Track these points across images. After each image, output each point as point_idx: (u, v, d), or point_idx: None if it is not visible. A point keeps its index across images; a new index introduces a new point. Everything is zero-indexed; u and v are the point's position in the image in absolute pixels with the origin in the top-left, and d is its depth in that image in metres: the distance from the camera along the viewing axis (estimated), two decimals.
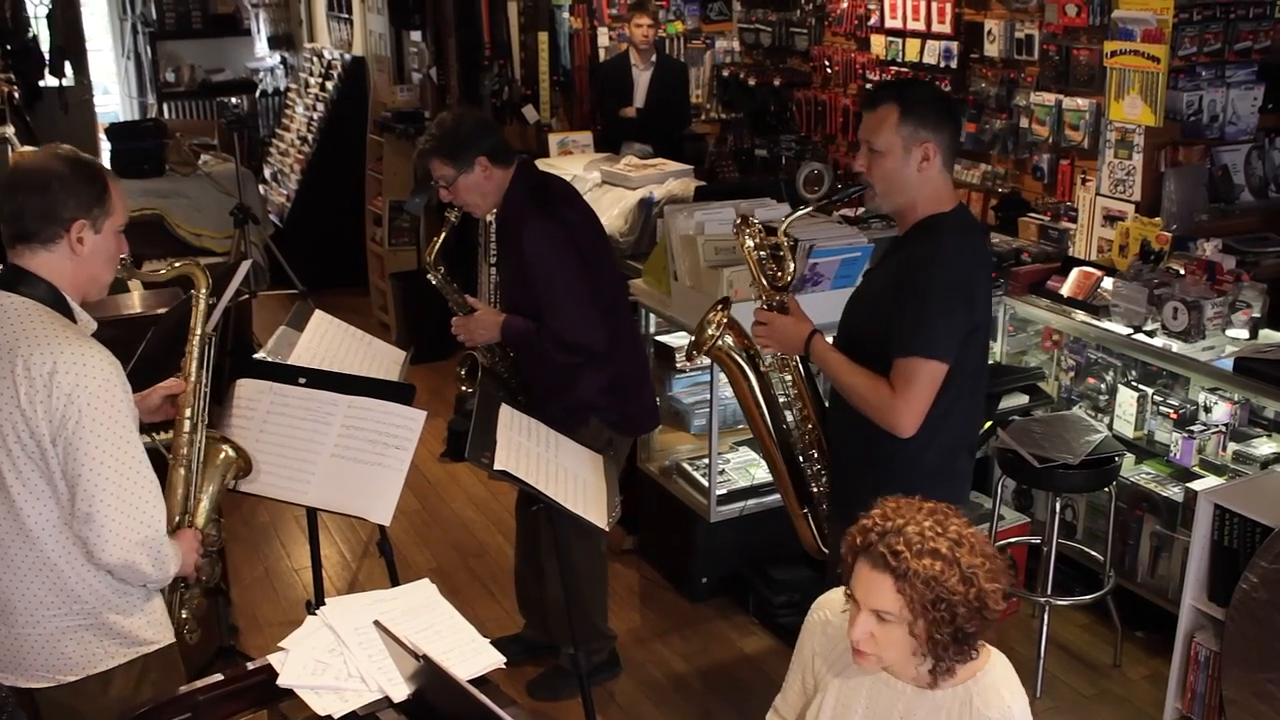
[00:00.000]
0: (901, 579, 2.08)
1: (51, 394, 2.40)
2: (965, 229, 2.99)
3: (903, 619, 2.10)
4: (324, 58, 9.65)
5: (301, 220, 9.11)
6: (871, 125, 2.95)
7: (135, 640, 2.61)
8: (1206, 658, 3.76)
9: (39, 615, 2.52)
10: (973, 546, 2.12)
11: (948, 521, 2.15)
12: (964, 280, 2.88)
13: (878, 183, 2.97)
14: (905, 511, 2.16)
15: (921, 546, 2.09)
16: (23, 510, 2.46)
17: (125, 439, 2.47)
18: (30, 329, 2.44)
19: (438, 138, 3.74)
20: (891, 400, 2.85)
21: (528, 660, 4.33)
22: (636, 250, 5.37)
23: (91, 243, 2.54)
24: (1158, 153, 5.11)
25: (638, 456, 5.01)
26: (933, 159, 2.92)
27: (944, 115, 2.97)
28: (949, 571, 2.07)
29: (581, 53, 8.22)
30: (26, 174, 2.53)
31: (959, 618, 2.09)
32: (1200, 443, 4.36)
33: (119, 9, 12.72)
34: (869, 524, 2.17)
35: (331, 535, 5.37)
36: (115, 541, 2.45)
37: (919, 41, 6.32)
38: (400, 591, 2.71)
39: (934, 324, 2.83)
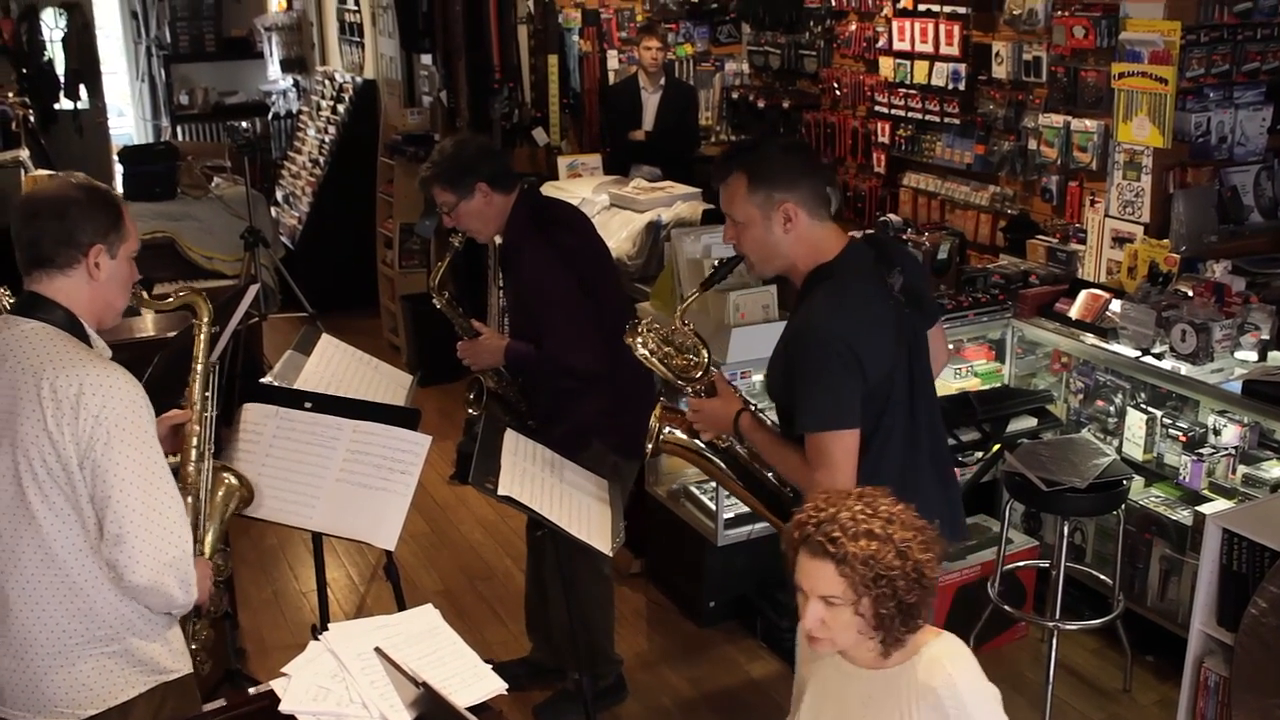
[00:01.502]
0: (842, 563, 2.19)
1: (79, 416, 2.40)
2: (850, 274, 2.85)
3: (848, 600, 2.21)
4: (335, 81, 9.69)
5: (312, 242, 9.14)
6: (727, 197, 2.88)
7: (156, 668, 2.60)
8: (1216, 683, 3.73)
9: (60, 644, 2.50)
10: (903, 522, 2.24)
11: (876, 503, 2.26)
12: (839, 341, 2.74)
13: (750, 253, 2.91)
14: (835, 500, 2.27)
15: (855, 529, 2.20)
16: (49, 535, 2.45)
17: (152, 459, 2.48)
18: (53, 353, 2.45)
19: (438, 164, 3.78)
20: (812, 478, 2.78)
21: (535, 684, 4.32)
22: (644, 273, 5.38)
23: (108, 268, 2.56)
24: (1166, 174, 5.10)
25: (645, 480, 5.01)
26: (796, 218, 2.82)
27: (796, 171, 2.85)
28: (884, 549, 2.19)
29: (591, 76, 8.25)
30: (43, 201, 2.54)
31: (899, 590, 2.20)
32: (1210, 466, 4.34)
33: (134, 32, 12.80)
34: (803, 517, 2.27)
35: (339, 558, 5.38)
36: (145, 563, 2.44)
37: (927, 63, 6.33)
38: (403, 617, 2.71)
39: (823, 396, 2.75)
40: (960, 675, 2.29)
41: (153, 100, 12.65)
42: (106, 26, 12.57)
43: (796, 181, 2.83)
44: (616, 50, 8.35)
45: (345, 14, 9.95)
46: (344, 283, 8.71)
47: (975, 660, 2.36)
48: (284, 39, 11.37)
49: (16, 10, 10.84)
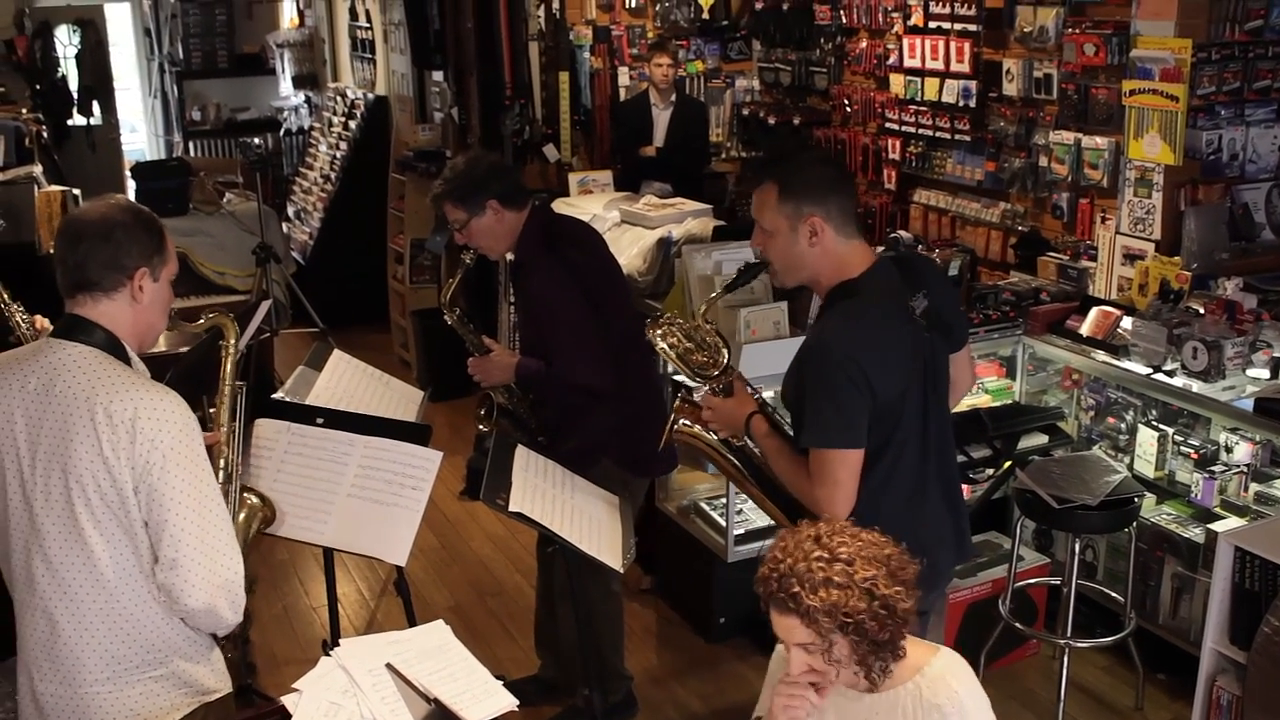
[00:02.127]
0: (806, 616, 2.18)
1: (135, 441, 2.40)
2: (875, 294, 2.86)
3: (823, 646, 2.21)
4: (347, 97, 9.74)
5: (324, 258, 9.17)
6: (757, 206, 2.91)
7: (201, 689, 2.61)
8: (1229, 702, 3.72)
9: (110, 669, 2.50)
10: (866, 559, 2.21)
11: (834, 543, 2.23)
12: (850, 359, 2.75)
13: (774, 261, 2.93)
14: (792, 548, 2.25)
15: (813, 580, 2.18)
16: (100, 560, 2.45)
17: (206, 483, 2.48)
18: (103, 377, 2.44)
19: (449, 181, 3.80)
20: (812, 491, 2.80)
21: (544, 701, 4.31)
22: (655, 290, 5.38)
23: (150, 291, 2.55)
24: (1177, 191, 5.10)
25: (655, 496, 5.01)
26: (822, 233, 2.83)
27: (827, 186, 2.87)
28: (845, 595, 2.17)
29: (602, 92, 8.27)
30: (89, 223, 2.53)
31: (869, 630, 2.18)
32: (1221, 483, 4.33)
33: (146, 49, 12.88)
34: (765, 571, 2.26)
35: (350, 574, 5.38)
36: (200, 585, 2.44)
37: (938, 80, 6.34)
38: (414, 633, 2.70)
39: (830, 414, 2.76)
40: (965, 692, 2.30)
41: (165, 116, 12.72)
42: (120, 43, 12.66)
43: (826, 197, 2.85)
44: (627, 67, 8.38)
45: (357, 31, 9.99)
46: (355, 298, 8.73)
47: (974, 675, 2.37)
48: (296, 55, 11.42)
49: (31, 27, 10.91)
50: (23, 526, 2.48)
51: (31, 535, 2.47)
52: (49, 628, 2.49)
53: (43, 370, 2.48)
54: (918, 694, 2.30)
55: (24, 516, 2.47)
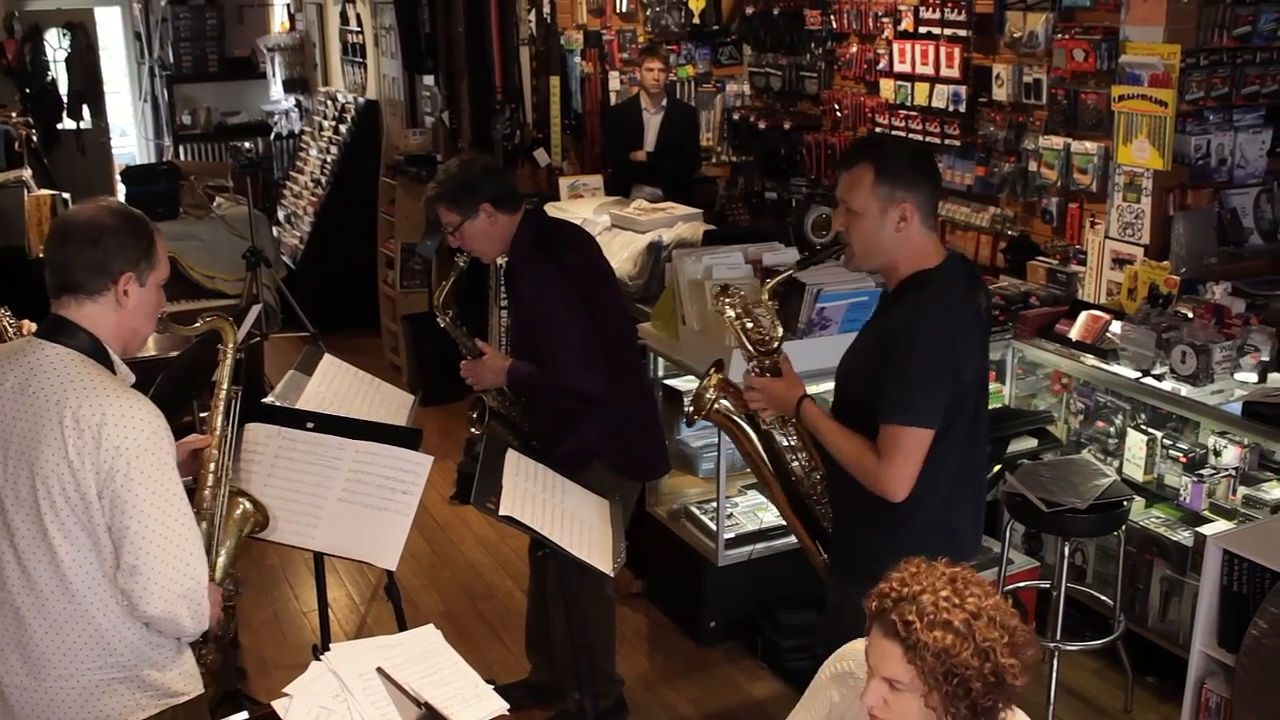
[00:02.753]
0: (911, 650, 2.02)
1: (100, 446, 2.39)
2: (952, 285, 2.92)
3: (915, 689, 2.05)
4: (338, 101, 9.73)
5: (314, 262, 9.16)
6: (848, 185, 2.92)
7: (168, 692, 2.60)
8: (1218, 704, 3.73)
9: (75, 669, 2.50)
10: (991, 619, 2.05)
11: (966, 591, 2.07)
12: (946, 342, 2.82)
13: (855, 243, 2.95)
14: (923, 578, 2.09)
15: (934, 618, 2.02)
16: (64, 564, 2.45)
17: (172, 491, 2.47)
18: (77, 381, 2.44)
19: (443, 184, 3.79)
20: (877, 468, 2.82)
21: (535, 705, 4.32)
22: (645, 294, 5.39)
23: (136, 295, 2.54)
24: (1166, 196, 5.11)
25: (646, 500, 5.01)
26: (910, 219, 2.87)
27: (921, 174, 2.92)
28: (962, 645, 2.01)
29: (592, 97, 8.27)
30: (77, 226, 2.52)
31: (974, 692, 2.02)
32: (1210, 486, 4.34)
33: (136, 53, 12.86)
34: (886, 588, 2.11)
35: (340, 578, 5.38)
36: (159, 594, 2.44)
37: (928, 85, 6.35)
38: (404, 638, 2.70)
39: (915, 392, 2.80)
40: None
41: (155, 120, 12.70)
42: (110, 47, 12.64)
43: (919, 185, 2.89)
44: (618, 71, 8.37)
45: (348, 35, 9.99)
46: (345, 303, 8.72)
47: None
48: (286, 59, 11.42)
49: (20, 30, 10.90)
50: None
51: (3, 531, 2.47)
52: (16, 622, 2.49)
53: (20, 369, 2.47)
54: None
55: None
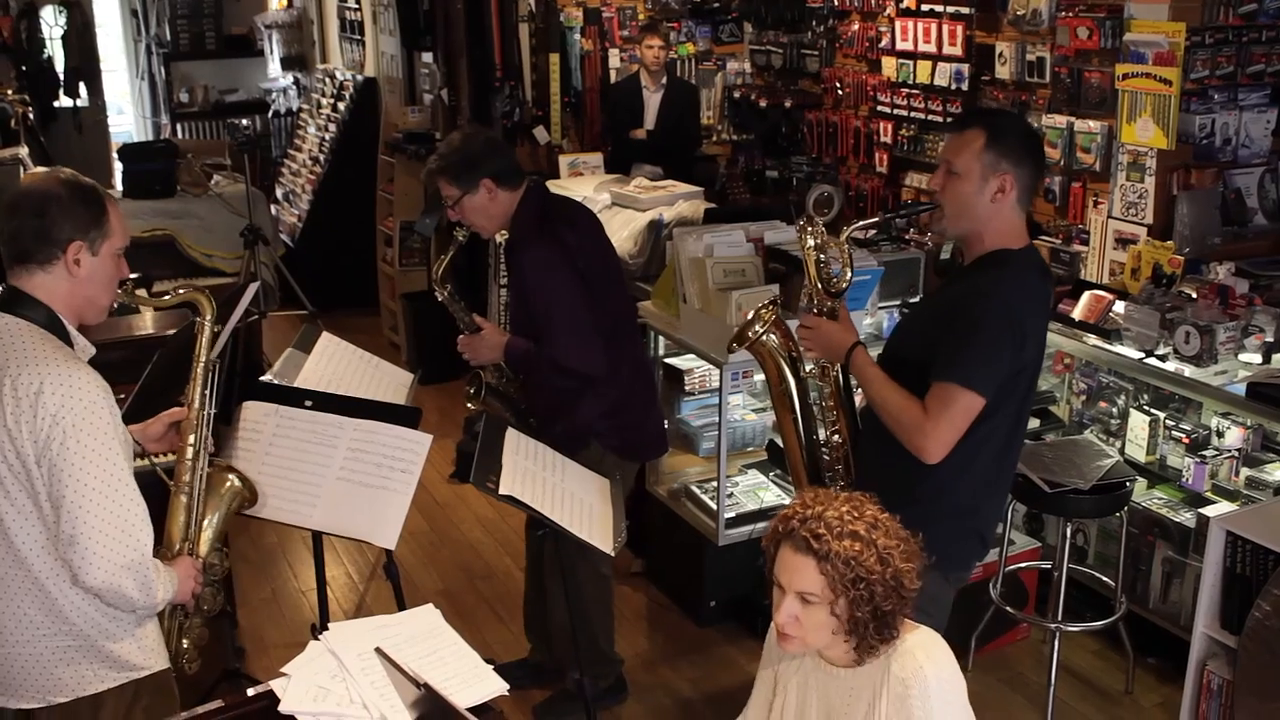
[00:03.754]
0: (824, 560, 2.20)
1: (37, 414, 2.39)
2: (1031, 269, 2.97)
3: (825, 599, 2.22)
4: (336, 79, 9.68)
5: (312, 240, 9.12)
6: (955, 147, 2.94)
7: (126, 665, 2.59)
8: (1219, 686, 3.72)
9: (29, 635, 2.51)
10: (888, 530, 2.26)
11: (864, 507, 2.28)
12: (1019, 319, 2.85)
13: (949, 205, 2.96)
14: (824, 499, 2.29)
15: (841, 529, 2.21)
16: (11, 531, 2.46)
17: (111, 461, 2.45)
18: (20, 349, 2.44)
19: (444, 157, 3.76)
20: (922, 422, 2.82)
21: (534, 685, 4.31)
22: (646, 273, 5.37)
23: (89, 265, 2.54)
24: (1170, 176, 5.08)
25: (646, 479, 4.99)
26: (1009, 192, 2.89)
27: (1029, 152, 2.94)
28: (867, 551, 2.20)
29: (592, 74, 8.23)
30: (25, 196, 2.53)
31: (877, 595, 2.20)
32: (1213, 468, 4.33)
33: (133, 30, 12.78)
34: (789, 512, 2.30)
35: (339, 557, 5.36)
36: (99, 564, 2.43)
37: (930, 63, 6.32)
38: (404, 617, 2.69)
39: (979, 356, 2.81)
40: (932, 671, 2.28)
41: (152, 98, 12.63)
42: (106, 24, 12.55)
43: (1024, 161, 2.91)
44: (618, 49, 8.33)
45: (346, 12, 9.93)
46: (344, 281, 8.70)
47: (950, 654, 2.35)
48: (284, 37, 11.35)
49: (16, 8, 10.83)
50: None
51: None
52: None
53: None
54: (886, 667, 2.30)
55: None
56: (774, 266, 4.54)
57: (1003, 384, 2.85)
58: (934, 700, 2.26)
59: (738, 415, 4.84)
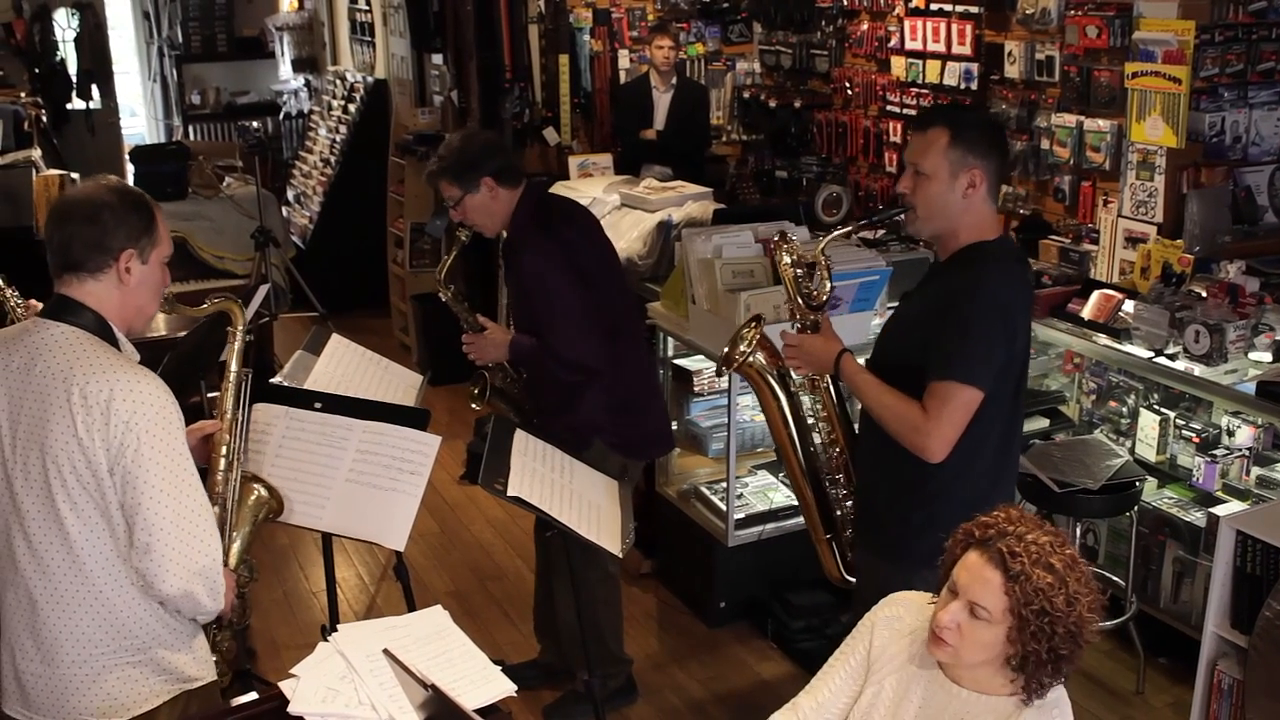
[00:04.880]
0: (1013, 580, 2.11)
1: (110, 422, 2.38)
2: (1009, 258, 2.97)
3: (999, 621, 2.13)
4: (347, 80, 9.70)
5: (323, 242, 9.15)
6: (920, 148, 2.93)
7: (182, 677, 2.59)
8: (1230, 686, 3.71)
9: (88, 653, 2.49)
10: (1081, 576, 2.16)
11: (1065, 546, 2.18)
12: (1006, 309, 2.85)
13: (920, 206, 2.95)
14: (1028, 522, 2.20)
15: (1040, 557, 2.12)
16: (77, 543, 2.44)
17: (183, 467, 2.46)
18: (84, 358, 2.43)
19: (444, 158, 3.81)
20: (923, 422, 2.82)
21: (544, 685, 4.32)
22: (655, 273, 5.37)
23: (139, 273, 2.53)
24: (1180, 174, 5.07)
25: (656, 480, 5.00)
26: (978, 186, 2.89)
27: (993, 144, 2.95)
28: (1058, 589, 2.10)
29: (602, 75, 8.24)
30: (76, 204, 2.52)
31: (1057, 636, 2.12)
32: (1223, 467, 4.32)
33: (145, 32, 12.83)
34: (990, 521, 2.20)
35: (350, 558, 5.38)
36: (175, 571, 2.43)
37: (939, 63, 6.31)
38: (412, 618, 2.70)
39: (973, 351, 2.81)
40: None
41: (164, 100, 12.67)
42: (119, 26, 12.60)
43: (991, 154, 2.91)
44: (628, 49, 8.34)
45: (356, 14, 9.95)
46: (354, 282, 8.73)
47: None
48: (295, 39, 11.38)
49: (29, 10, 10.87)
50: (4, 504, 2.47)
51: (13, 514, 2.46)
52: (30, 607, 2.49)
53: (26, 349, 2.47)
54: (1019, 709, 2.21)
55: (5, 494, 2.47)
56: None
57: (997, 375, 2.86)
58: None
59: (747, 416, 4.84)
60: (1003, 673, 2.20)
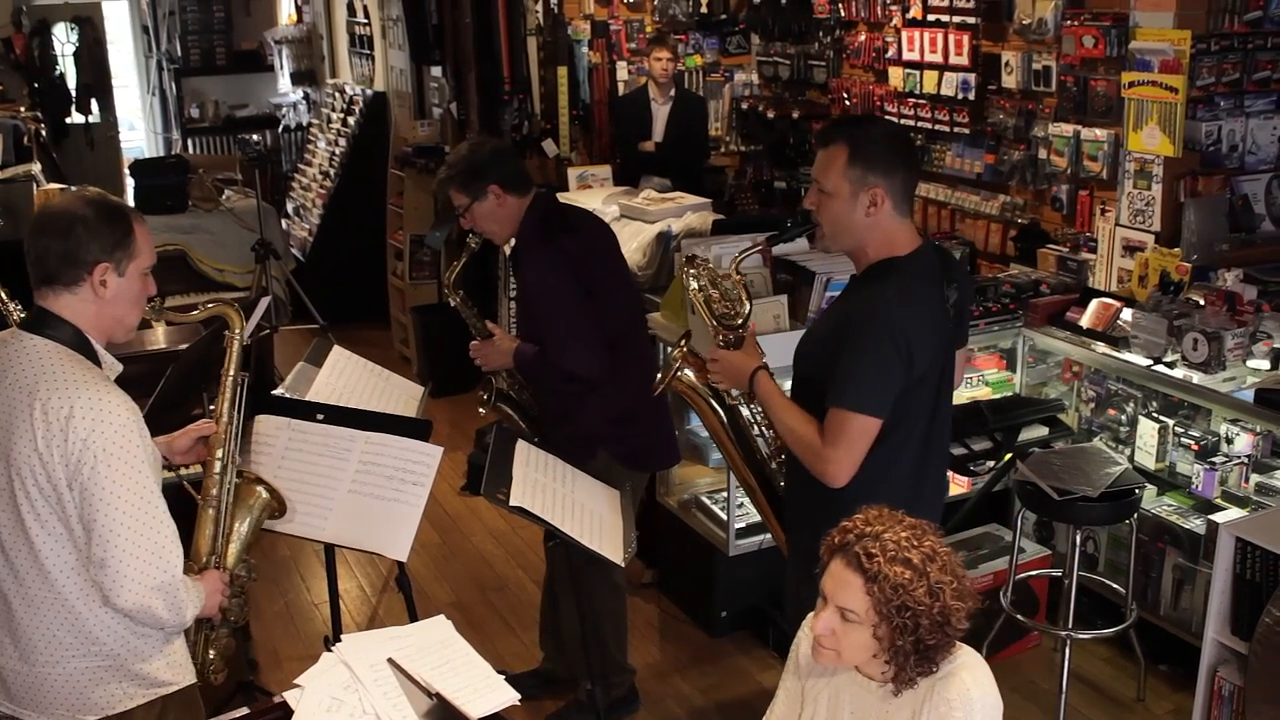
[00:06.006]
0: (871, 581, 2.17)
1: (68, 438, 2.41)
2: (917, 275, 2.88)
3: (867, 621, 2.19)
4: (346, 93, 9.73)
5: (323, 255, 9.17)
6: (821, 165, 2.88)
7: (154, 682, 2.61)
8: (1230, 692, 3.72)
9: (59, 656, 2.52)
10: (944, 565, 2.21)
11: (923, 536, 2.23)
12: (902, 332, 2.77)
13: (825, 224, 2.92)
14: (886, 520, 2.25)
15: (895, 554, 2.17)
16: (41, 553, 2.47)
17: (141, 484, 2.47)
18: (50, 372, 2.45)
19: (453, 166, 3.84)
20: (821, 450, 2.80)
21: (546, 695, 4.32)
22: (655, 284, 5.38)
23: (115, 285, 2.55)
24: (1177, 183, 5.09)
25: (657, 490, 5.01)
26: (881, 204, 2.83)
27: (896, 158, 2.87)
28: (917, 582, 2.16)
29: (600, 87, 8.26)
30: (51, 217, 2.54)
31: (921, 629, 2.18)
32: (1222, 474, 4.33)
33: (144, 46, 12.88)
34: (849, 525, 2.26)
35: (351, 569, 5.38)
36: (130, 587, 2.44)
37: (936, 73, 6.33)
38: (416, 628, 2.71)
39: (865, 377, 2.77)
40: (976, 690, 2.26)
41: (164, 113, 12.71)
42: (118, 40, 12.65)
43: (894, 170, 2.85)
44: (626, 61, 8.36)
45: (355, 27, 9.98)
46: (354, 295, 8.73)
47: (992, 678, 2.33)
48: (294, 52, 11.41)
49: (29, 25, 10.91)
50: None
51: None
52: (4, 607, 2.53)
53: (1, 361, 2.50)
54: (930, 686, 2.27)
55: None
56: (782, 277, 4.56)
57: (899, 399, 2.81)
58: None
59: None
60: (878, 664, 2.27)
